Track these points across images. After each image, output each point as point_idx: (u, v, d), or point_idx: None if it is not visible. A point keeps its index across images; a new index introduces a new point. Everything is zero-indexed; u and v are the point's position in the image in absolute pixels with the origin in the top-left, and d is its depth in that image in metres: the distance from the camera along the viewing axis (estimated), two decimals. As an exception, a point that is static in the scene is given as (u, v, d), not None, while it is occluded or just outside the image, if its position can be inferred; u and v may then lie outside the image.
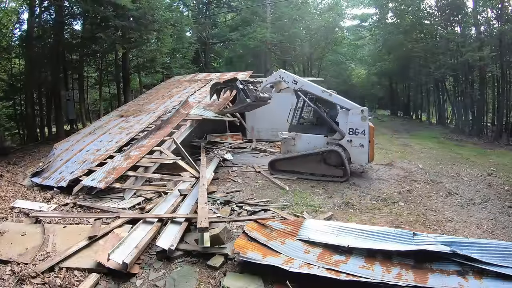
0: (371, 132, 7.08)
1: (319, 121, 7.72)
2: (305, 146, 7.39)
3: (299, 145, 7.49)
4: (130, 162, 6.48)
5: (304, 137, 7.48)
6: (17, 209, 5.28)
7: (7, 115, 16.00)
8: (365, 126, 7.02)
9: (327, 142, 7.28)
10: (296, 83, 7.60)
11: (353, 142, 7.04)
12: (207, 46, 23.75)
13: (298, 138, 7.51)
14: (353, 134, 7.04)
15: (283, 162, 7.51)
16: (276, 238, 3.94)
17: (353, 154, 7.09)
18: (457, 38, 17.26)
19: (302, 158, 7.23)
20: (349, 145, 7.06)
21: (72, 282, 3.39)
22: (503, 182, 7.44)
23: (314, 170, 7.20)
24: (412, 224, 4.87)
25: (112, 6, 13.04)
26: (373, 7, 25.55)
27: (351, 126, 7.07)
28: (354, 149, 7.04)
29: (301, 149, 7.38)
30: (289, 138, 7.59)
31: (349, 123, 7.09)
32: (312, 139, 7.41)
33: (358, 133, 7.02)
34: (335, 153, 6.98)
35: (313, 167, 7.20)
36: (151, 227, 4.33)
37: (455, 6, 17.32)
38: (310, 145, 7.34)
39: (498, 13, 15.50)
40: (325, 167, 7.12)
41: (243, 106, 8.52)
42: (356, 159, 7.18)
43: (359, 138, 7.02)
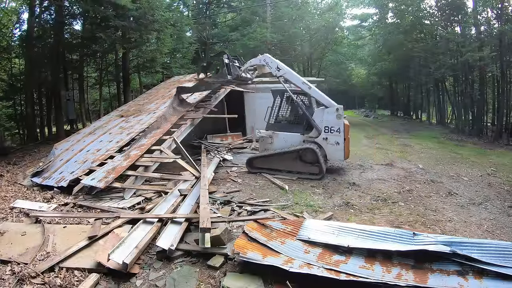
0: (346, 130, 7.26)
1: (295, 119, 7.85)
2: (281, 144, 7.54)
3: (276, 143, 7.64)
4: (129, 161, 6.48)
5: (281, 135, 7.62)
6: (17, 209, 5.28)
7: (7, 115, 16.01)
8: (340, 124, 7.20)
9: (303, 140, 7.43)
10: (278, 70, 7.64)
11: (329, 139, 7.24)
12: (207, 46, 23.73)
13: (275, 137, 7.65)
14: (328, 132, 7.23)
15: (261, 160, 7.63)
16: (276, 238, 3.94)
17: (329, 151, 7.29)
18: (457, 38, 17.26)
19: (279, 156, 7.39)
20: (324, 143, 7.26)
21: (72, 282, 3.39)
22: (503, 182, 7.44)
23: (290, 167, 7.35)
24: (412, 224, 4.87)
25: (112, 6, 13.04)
26: (373, 7, 25.58)
27: (326, 124, 7.25)
28: (330, 146, 7.24)
29: (277, 147, 7.54)
30: (266, 137, 7.72)
31: (324, 121, 7.27)
32: (288, 137, 7.55)
33: (334, 131, 7.21)
34: (310, 150, 7.14)
35: (290, 164, 7.34)
36: (151, 227, 4.33)
37: (455, 6, 17.32)
38: (286, 143, 7.51)
39: (498, 13, 15.50)
40: (301, 164, 7.27)
41: (224, 81, 8.59)
42: (332, 156, 7.41)
43: (334, 136, 7.22)
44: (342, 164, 8.55)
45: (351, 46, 30.40)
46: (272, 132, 7.71)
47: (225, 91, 11.13)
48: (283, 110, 8.11)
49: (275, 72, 7.67)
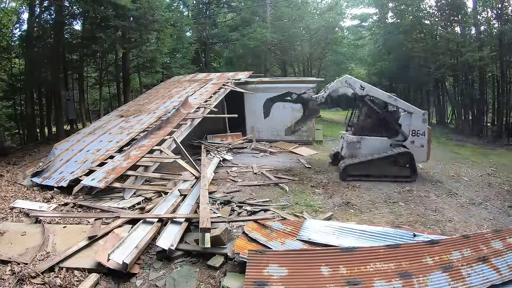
0: (429, 133, 7.59)
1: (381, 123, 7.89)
2: (370, 148, 7.61)
3: (364, 148, 7.67)
4: (130, 162, 6.48)
5: (369, 140, 7.71)
6: (17, 209, 5.28)
7: (7, 115, 16.01)
8: (425, 128, 7.53)
9: (390, 144, 7.62)
10: (363, 89, 7.71)
11: (415, 142, 7.48)
12: (207, 46, 23.73)
13: (363, 141, 7.71)
14: (415, 135, 7.49)
15: (356, 166, 7.43)
16: (276, 239, 3.94)
17: (415, 153, 7.42)
18: (457, 38, 17.27)
19: (373, 162, 7.36)
20: (411, 146, 7.46)
21: (72, 282, 3.39)
22: (503, 182, 7.45)
23: (385, 172, 7.32)
24: (412, 224, 4.87)
25: (112, 6, 13.04)
26: (373, 7, 25.56)
27: (413, 128, 7.51)
28: (416, 149, 7.45)
29: (366, 152, 7.58)
30: (354, 142, 7.71)
31: (412, 125, 7.52)
32: (376, 142, 7.68)
33: (420, 134, 7.49)
34: (407, 154, 7.31)
35: (384, 169, 7.33)
36: (151, 227, 4.32)
37: (455, 6, 17.33)
38: (374, 148, 7.60)
39: (498, 13, 15.52)
40: (396, 168, 7.35)
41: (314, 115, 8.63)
42: (417, 158, 7.50)
43: (420, 139, 7.49)
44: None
45: (351, 46, 30.34)
46: (359, 136, 7.72)
47: (225, 91, 11.15)
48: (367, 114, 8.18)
49: (360, 92, 7.69)
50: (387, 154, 7.33)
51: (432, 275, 2.96)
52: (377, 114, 7.89)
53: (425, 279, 2.92)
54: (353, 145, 7.70)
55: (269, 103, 8.33)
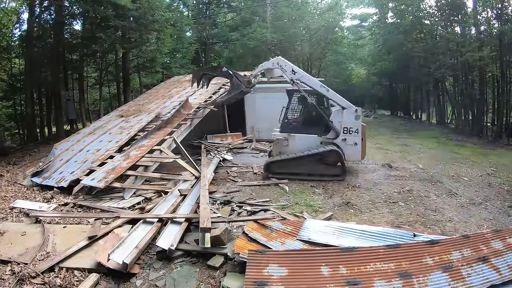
0: (363, 131, 7.28)
1: (311, 120, 7.62)
2: (298, 146, 7.30)
3: (292, 145, 7.37)
4: (129, 162, 6.48)
5: (298, 137, 7.38)
6: (17, 209, 5.28)
7: (7, 115, 16.00)
8: (358, 125, 7.21)
9: (320, 142, 7.29)
10: (294, 73, 7.25)
11: (347, 140, 7.18)
12: (207, 46, 23.74)
13: (291, 139, 7.39)
14: (347, 133, 7.18)
15: (280, 164, 7.27)
16: (276, 239, 3.94)
17: (347, 152, 7.21)
18: (457, 38, 17.25)
19: (299, 159, 7.11)
20: (343, 144, 7.18)
21: (72, 282, 3.39)
22: (503, 182, 7.44)
23: (311, 170, 7.12)
24: (412, 224, 4.86)
25: (112, 6, 13.04)
26: (373, 7, 25.56)
27: (345, 125, 7.19)
28: (348, 147, 7.19)
29: (294, 150, 7.28)
30: (281, 139, 7.44)
31: (343, 122, 7.20)
32: (305, 139, 7.33)
33: (352, 131, 7.18)
34: (335, 152, 7.03)
35: (311, 167, 7.12)
36: (151, 227, 4.33)
37: (455, 6, 17.31)
38: (303, 145, 7.27)
39: (498, 13, 15.49)
40: (323, 167, 7.12)
41: (238, 93, 8.04)
42: (350, 156, 7.32)
43: (353, 137, 7.18)
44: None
45: (351, 46, 30.34)
46: (288, 134, 7.43)
47: (224, 91, 11.13)
48: (298, 111, 7.85)
49: (290, 75, 7.26)
50: (312, 152, 7.04)
51: (432, 275, 2.96)
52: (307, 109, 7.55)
53: (425, 279, 2.92)
54: (281, 142, 7.41)
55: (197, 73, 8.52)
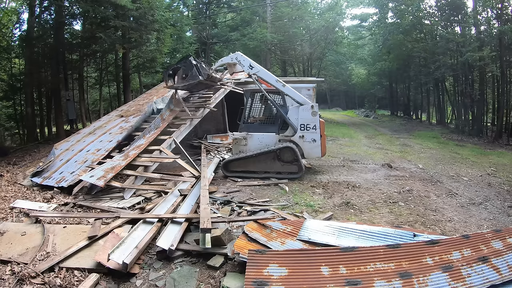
0: (322, 127, 7.30)
1: (269, 119, 7.75)
2: (256, 145, 7.40)
3: (250, 144, 7.47)
4: (128, 160, 6.49)
5: (255, 136, 7.47)
6: (17, 209, 5.28)
7: (7, 115, 16.04)
8: (316, 121, 7.21)
9: (278, 140, 7.36)
10: (251, 68, 7.39)
11: (305, 137, 7.23)
12: (207, 46, 23.76)
13: (249, 138, 7.49)
14: (304, 129, 7.21)
15: (237, 163, 7.36)
16: (276, 239, 3.94)
17: (306, 149, 7.25)
18: (457, 38, 17.27)
19: (256, 157, 7.22)
20: (301, 141, 7.23)
21: (72, 282, 3.39)
22: (503, 182, 7.44)
23: (268, 168, 7.25)
24: (412, 224, 4.87)
25: (112, 6, 13.04)
26: (373, 7, 25.60)
27: (302, 122, 7.23)
28: (307, 144, 7.23)
29: (252, 148, 7.37)
30: (240, 138, 7.53)
31: (300, 118, 7.23)
32: (263, 138, 7.43)
33: (310, 128, 7.20)
34: (289, 149, 7.11)
35: (267, 165, 7.24)
36: (151, 227, 4.33)
37: (455, 6, 17.34)
38: (261, 144, 7.38)
39: (498, 13, 15.51)
40: (279, 164, 7.22)
41: (194, 83, 8.19)
42: (309, 154, 7.35)
43: (310, 133, 7.21)
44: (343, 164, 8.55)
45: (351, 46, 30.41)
46: (246, 133, 7.52)
47: (224, 91, 11.14)
48: (256, 110, 8.01)
49: (247, 70, 7.41)
50: (267, 150, 7.18)
51: (432, 275, 2.96)
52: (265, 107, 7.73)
53: (425, 279, 2.92)
54: (240, 142, 7.52)
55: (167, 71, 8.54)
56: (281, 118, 7.41)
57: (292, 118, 7.31)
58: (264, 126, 7.66)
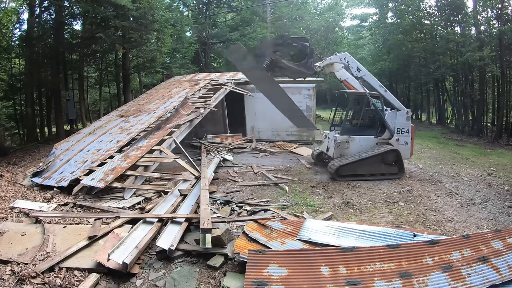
0: (412, 131, 7.83)
1: (367, 122, 7.99)
2: (358, 148, 7.70)
3: (352, 147, 7.73)
4: (129, 162, 6.48)
5: (357, 139, 7.75)
6: (17, 209, 5.28)
7: (7, 115, 16.04)
8: (409, 126, 7.76)
9: (376, 143, 7.76)
10: (359, 71, 7.49)
11: (400, 140, 7.70)
12: (207, 46, 23.74)
13: (351, 141, 7.75)
14: (400, 133, 7.70)
15: (347, 167, 7.38)
16: (276, 239, 3.94)
17: (400, 151, 7.61)
18: (457, 38, 17.25)
19: (365, 161, 7.37)
20: (396, 143, 7.66)
21: (72, 282, 3.39)
22: (503, 182, 7.44)
23: (374, 170, 7.47)
24: (412, 224, 4.87)
25: (112, 6, 13.04)
26: (373, 7, 25.58)
27: (398, 126, 7.71)
28: (401, 146, 7.66)
29: (354, 151, 7.66)
30: (343, 141, 7.73)
31: (397, 123, 7.72)
32: (364, 141, 7.76)
33: (404, 132, 7.72)
34: (394, 151, 7.53)
35: (374, 168, 7.48)
36: (151, 227, 4.33)
37: (455, 6, 17.32)
38: (362, 147, 7.69)
39: (498, 13, 15.49)
40: (384, 166, 7.52)
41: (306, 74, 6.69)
42: (402, 155, 7.68)
43: (404, 137, 7.72)
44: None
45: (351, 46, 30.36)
46: (348, 136, 7.75)
47: (224, 91, 11.15)
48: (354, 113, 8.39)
49: (355, 72, 7.46)
50: (375, 153, 7.38)
51: (432, 275, 2.96)
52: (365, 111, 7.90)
53: (425, 279, 2.92)
54: (342, 145, 7.73)
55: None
56: (381, 121, 7.79)
57: (389, 122, 7.70)
58: (363, 129, 7.89)
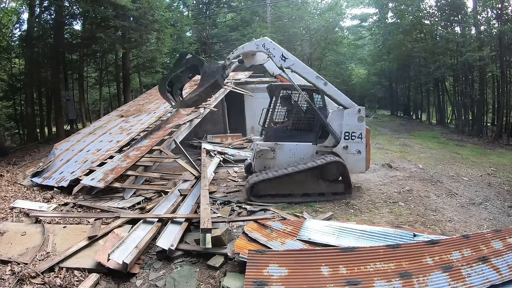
0: (367, 136, 5.97)
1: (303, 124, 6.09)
2: (288, 158, 5.84)
3: (280, 157, 5.86)
4: (129, 162, 6.49)
5: (287, 147, 5.89)
6: (17, 209, 5.28)
7: (7, 115, 16.04)
8: (362, 129, 5.87)
9: (316, 151, 5.91)
10: (284, 60, 5.66)
11: (349, 148, 5.84)
12: (207, 46, 23.74)
13: (278, 149, 5.89)
14: (349, 138, 5.83)
15: (267, 184, 5.58)
16: (276, 239, 3.94)
17: (349, 162, 5.82)
18: (457, 38, 17.26)
19: (293, 176, 5.55)
20: (344, 153, 5.81)
21: (72, 282, 3.39)
22: (503, 182, 7.44)
23: (309, 189, 5.73)
24: (412, 224, 4.86)
25: (112, 6, 13.05)
26: (373, 7, 25.60)
27: (347, 129, 5.82)
28: (351, 156, 5.85)
29: (283, 163, 5.79)
30: (266, 150, 5.86)
31: (344, 125, 5.83)
32: (297, 149, 5.89)
33: (355, 137, 5.85)
34: (337, 165, 5.65)
35: (308, 186, 5.71)
36: (151, 227, 4.33)
37: (455, 6, 17.33)
38: (294, 157, 5.84)
39: (498, 13, 15.50)
40: (324, 184, 5.75)
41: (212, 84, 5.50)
42: (352, 168, 5.91)
43: (356, 143, 5.86)
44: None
45: (351, 46, 30.40)
46: (274, 143, 5.92)
47: (224, 91, 11.15)
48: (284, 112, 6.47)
49: (279, 62, 5.66)
50: (307, 166, 5.50)
51: (432, 275, 2.96)
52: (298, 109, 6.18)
53: (425, 279, 2.92)
54: (266, 154, 5.87)
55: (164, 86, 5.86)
56: (321, 123, 5.90)
57: (334, 125, 5.86)
58: (297, 133, 6.04)
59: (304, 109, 6.36)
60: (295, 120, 6.14)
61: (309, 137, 6.00)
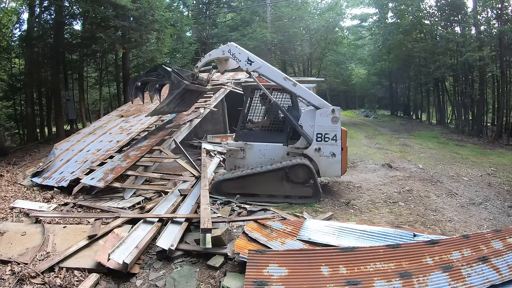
0: (343, 138, 5.77)
1: (275, 125, 6.07)
2: (257, 158, 5.85)
3: (249, 157, 5.89)
4: (129, 162, 6.49)
5: (257, 147, 5.90)
6: (17, 209, 5.28)
7: (7, 115, 16.05)
8: (337, 130, 5.67)
9: (287, 153, 5.84)
10: (250, 63, 5.77)
11: (322, 150, 5.68)
12: (207, 46, 23.75)
13: (248, 149, 5.91)
14: (322, 140, 5.68)
15: (231, 183, 5.72)
16: (276, 239, 3.94)
17: (322, 165, 5.71)
18: (457, 38, 17.27)
19: (257, 177, 5.61)
20: (317, 155, 5.69)
21: (72, 282, 3.39)
22: (503, 182, 7.44)
23: (274, 191, 5.72)
24: (412, 224, 4.87)
25: (112, 6, 13.06)
26: (373, 7, 25.62)
27: (319, 131, 5.66)
28: (324, 159, 5.69)
29: (252, 163, 5.83)
30: (236, 150, 5.95)
31: (316, 126, 5.69)
32: (267, 150, 5.87)
33: (329, 139, 5.67)
34: (302, 167, 5.54)
35: (273, 187, 5.71)
36: (151, 227, 4.33)
37: (455, 6, 17.34)
38: (264, 158, 5.84)
39: (498, 13, 15.51)
40: (289, 186, 5.68)
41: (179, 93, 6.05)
42: (325, 171, 5.82)
43: (329, 146, 5.68)
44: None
45: (351, 46, 30.43)
46: (244, 143, 5.94)
47: (224, 91, 11.15)
48: (257, 113, 6.45)
49: (245, 66, 5.79)
50: (272, 168, 5.52)
51: (432, 275, 2.96)
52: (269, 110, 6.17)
53: (425, 279, 2.92)
54: (236, 154, 5.94)
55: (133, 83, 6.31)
56: (291, 124, 5.83)
57: (306, 126, 5.76)
58: (268, 134, 6.02)
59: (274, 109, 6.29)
60: (265, 120, 6.18)
61: (279, 138, 5.96)
